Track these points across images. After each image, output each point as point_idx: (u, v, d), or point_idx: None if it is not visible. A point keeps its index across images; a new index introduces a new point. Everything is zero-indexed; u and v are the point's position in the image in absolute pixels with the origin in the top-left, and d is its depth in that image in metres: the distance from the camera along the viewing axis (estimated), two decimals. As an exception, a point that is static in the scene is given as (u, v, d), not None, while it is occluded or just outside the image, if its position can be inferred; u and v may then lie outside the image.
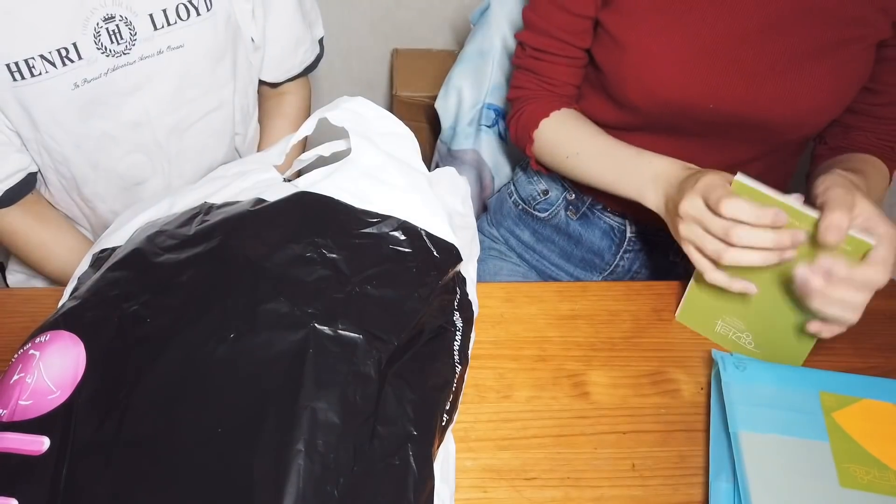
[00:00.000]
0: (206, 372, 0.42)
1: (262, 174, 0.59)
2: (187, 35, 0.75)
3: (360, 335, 0.45)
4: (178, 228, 0.52)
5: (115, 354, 0.44)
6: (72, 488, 0.39)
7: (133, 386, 0.42)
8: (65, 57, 0.68)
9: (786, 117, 0.72)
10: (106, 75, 0.72)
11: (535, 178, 0.93)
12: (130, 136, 0.78)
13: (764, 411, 0.56)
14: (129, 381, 0.42)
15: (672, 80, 0.72)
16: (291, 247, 0.48)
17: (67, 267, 0.83)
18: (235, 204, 0.54)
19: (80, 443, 0.40)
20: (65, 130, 0.73)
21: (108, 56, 0.71)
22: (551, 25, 0.77)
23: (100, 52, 0.70)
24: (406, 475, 0.42)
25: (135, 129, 0.78)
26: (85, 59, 0.70)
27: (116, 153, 0.78)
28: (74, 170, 0.78)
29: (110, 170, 0.79)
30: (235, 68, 0.82)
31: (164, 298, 0.46)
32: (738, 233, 0.55)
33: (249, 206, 0.52)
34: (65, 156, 0.76)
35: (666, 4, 0.71)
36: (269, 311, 0.44)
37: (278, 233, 0.49)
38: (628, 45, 0.73)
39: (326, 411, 0.41)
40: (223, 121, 0.85)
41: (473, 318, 0.57)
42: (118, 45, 0.71)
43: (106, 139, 0.77)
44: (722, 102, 0.72)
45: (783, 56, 0.69)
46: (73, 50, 0.69)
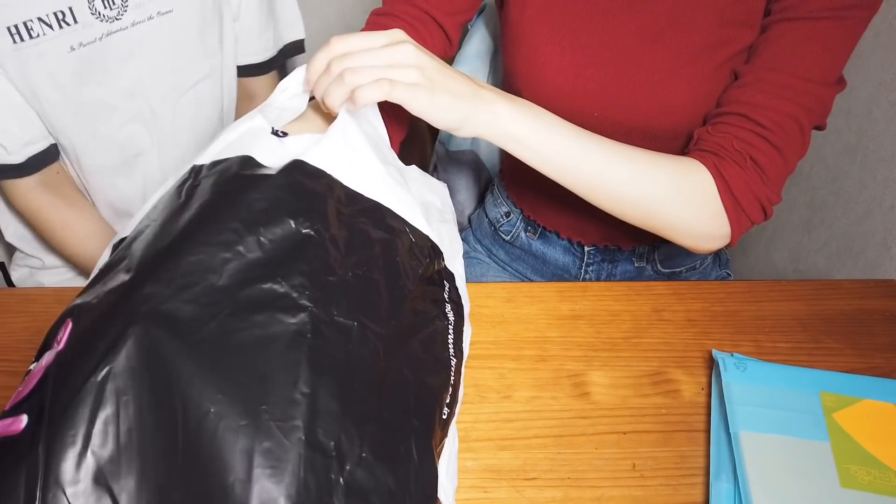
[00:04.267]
0: (196, 347, 0.40)
1: (247, 122, 0.57)
2: (175, 0, 0.80)
3: (353, 322, 0.44)
4: (170, 199, 0.50)
5: (92, 327, 0.42)
6: (50, 462, 0.37)
7: (110, 355, 0.39)
8: (61, 20, 0.73)
9: (665, 126, 0.72)
10: (101, 40, 0.76)
11: (500, 200, 0.96)
12: (126, 104, 0.83)
13: (764, 411, 0.57)
14: (110, 353, 0.40)
15: (559, 88, 0.72)
16: (288, 222, 0.46)
17: (84, 251, 0.87)
18: (224, 163, 0.51)
19: (56, 414, 0.38)
20: (63, 96, 0.77)
21: (101, 21, 0.75)
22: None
23: (94, 17, 0.75)
24: (408, 465, 0.42)
25: (130, 98, 0.82)
26: (80, 22, 0.74)
27: (114, 122, 0.83)
28: (74, 139, 0.82)
29: (109, 139, 0.84)
30: (222, 38, 0.89)
31: (152, 273, 0.43)
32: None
33: (238, 167, 0.50)
34: (64, 124, 0.80)
35: (551, 15, 0.72)
36: (266, 290, 0.43)
37: (272, 206, 0.47)
38: (518, 53, 0.74)
39: (326, 399, 0.40)
40: (213, 90, 0.90)
41: (465, 313, 0.57)
42: (111, 11, 0.76)
43: (103, 107, 0.81)
44: (607, 111, 0.72)
45: (661, 64, 0.69)
46: (69, 13, 0.73)
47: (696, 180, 0.64)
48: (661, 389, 0.62)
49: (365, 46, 0.55)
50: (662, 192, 0.63)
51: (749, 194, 0.64)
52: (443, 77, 0.56)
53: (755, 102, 0.64)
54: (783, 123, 0.63)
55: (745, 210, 0.64)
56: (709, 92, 0.69)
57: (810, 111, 0.64)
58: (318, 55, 0.56)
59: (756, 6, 0.66)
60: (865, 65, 0.93)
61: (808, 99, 0.64)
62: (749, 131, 0.64)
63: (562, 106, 0.64)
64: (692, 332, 0.68)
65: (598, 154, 0.61)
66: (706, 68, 0.68)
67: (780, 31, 0.64)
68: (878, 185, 0.91)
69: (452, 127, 0.57)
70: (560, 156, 0.61)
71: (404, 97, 0.53)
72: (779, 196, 0.65)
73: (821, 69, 0.63)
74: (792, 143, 0.64)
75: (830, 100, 0.65)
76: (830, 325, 0.68)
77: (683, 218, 0.64)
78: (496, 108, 0.58)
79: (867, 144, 0.94)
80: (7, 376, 0.60)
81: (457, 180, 1.08)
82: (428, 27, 0.74)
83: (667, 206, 0.64)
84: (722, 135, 0.65)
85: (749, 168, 0.64)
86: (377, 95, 0.53)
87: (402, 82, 0.53)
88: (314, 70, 0.57)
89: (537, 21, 0.72)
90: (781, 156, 0.64)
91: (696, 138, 0.68)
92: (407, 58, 0.54)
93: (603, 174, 0.62)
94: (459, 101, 0.56)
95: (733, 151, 0.64)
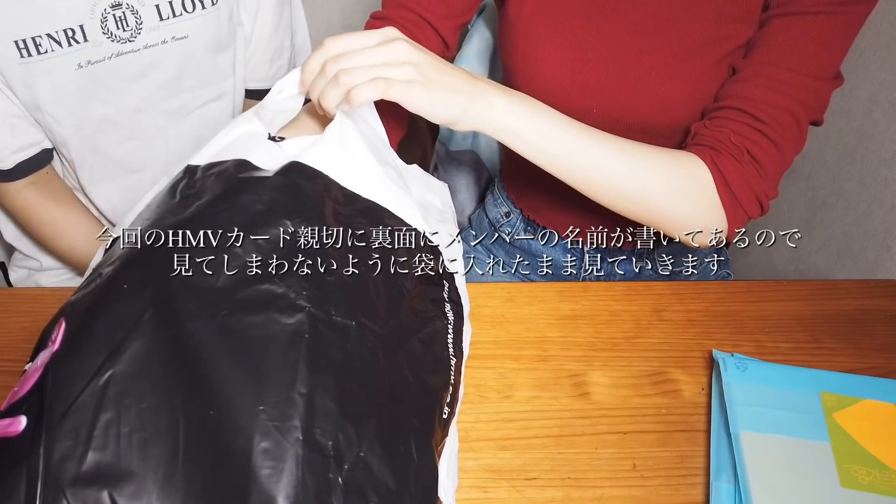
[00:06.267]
0: (195, 349, 0.41)
1: (243, 125, 0.57)
2: (192, 27, 0.78)
3: (352, 321, 0.44)
4: (164, 199, 0.50)
5: (92, 328, 0.42)
6: (50, 463, 0.37)
7: (112, 360, 0.40)
8: (71, 38, 0.72)
9: (663, 122, 0.72)
10: (110, 59, 0.75)
11: (500, 200, 0.96)
12: (130, 122, 0.81)
13: (765, 411, 0.56)
14: (107, 353, 0.40)
15: (558, 84, 0.72)
16: (285, 223, 0.46)
17: (76, 246, 0.86)
18: (220, 165, 0.51)
19: (57, 416, 0.38)
20: (66, 111, 0.76)
21: (112, 41, 0.74)
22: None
23: (105, 37, 0.73)
24: (408, 465, 0.42)
25: (135, 116, 0.81)
26: (90, 41, 0.73)
27: (115, 138, 0.82)
28: (73, 152, 0.81)
29: (108, 155, 0.82)
30: (235, 62, 0.85)
31: (148, 273, 0.44)
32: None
33: (234, 170, 0.50)
34: (65, 137, 0.79)
35: (549, 11, 0.72)
36: (264, 290, 0.43)
37: (269, 208, 0.47)
38: (517, 50, 0.74)
39: (324, 398, 0.40)
40: (223, 111, 0.88)
41: (464, 312, 0.57)
42: (124, 32, 0.74)
43: (106, 123, 0.80)
44: (605, 107, 0.72)
45: (659, 60, 0.69)
46: (80, 32, 0.72)
47: (693, 174, 0.64)
48: (662, 389, 0.62)
49: (359, 46, 0.55)
50: (659, 186, 0.63)
51: (746, 188, 0.64)
52: (438, 72, 0.55)
53: (752, 97, 0.64)
54: (780, 118, 0.63)
55: (742, 204, 0.64)
56: (707, 88, 0.69)
57: (807, 106, 0.64)
58: (312, 57, 0.56)
59: (754, 2, 0.66)
60: (865, 65, 0.93)
61: (805, 94, 0.64)
62: (746, 126, 0.64)
63: (560, 102, 0.64)
64: (692, 332, 0.68)
65: (595, 147, 0.61)
66: (704, 64, 0.68)
67: (777, 27, 0.64)
68: (878, 185, 0.91)
69: (450, 121, 0.57)
70: (556, 148, 0.61)
71: (400, 95, 0.53)
72: (775, 191, 0.65)
73: (818, 64, 0.63)
74: (789, 137, 0.64)
75: (827, 95, 0.65)
76: (831, 325, 0.68)
77: (680, 212, 0.64)
78: (493, 100, 0.58)
79: (867, 144, 0.94)
80: (6, 376, 0.60)
81: (457, 180, 1.08)
82: (424, 31, 0.74)
83: (663, 199, 0.64)
84: (719, 129, 0.65)
85: (746, 162, 0.64)
86: (373, 95, 0.52)
87: (397, 80, 0.53)
88: (309, 72, 0.56)
89: (535, 17, 0.72)
90: (778, 150, 0.64)
91: (694, 132, 0.68)
92: (401, 55, 0.54)
93: (599, 167, 0.62)
94: (456, 95, 0.56)
95: (730, 146, 0.64)
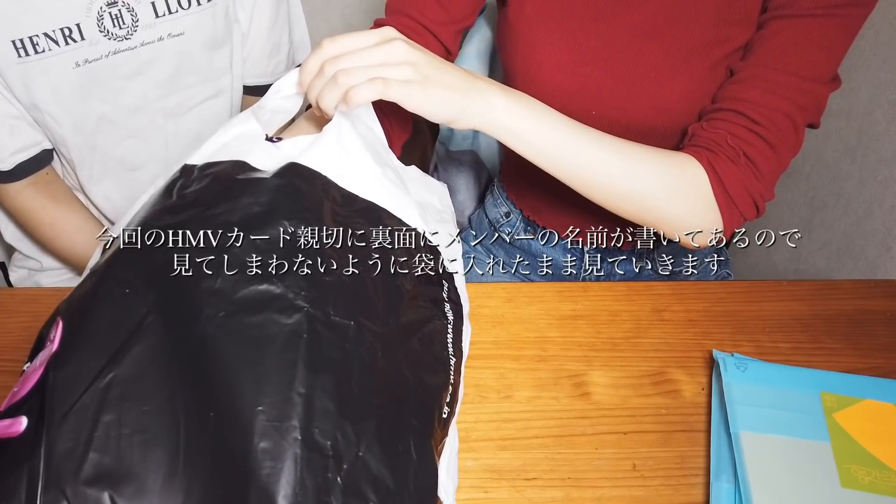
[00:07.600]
0: (195, 350, 0.41)
1: (239, 125, 0.57)
2: (188, 24, 0.78)
3: (350, 321, 0.44)
4: (160, 199, 0.50)
5: (92, 329, 0.42)
6: (51, 464, 0.37)
7: (114, 363, 0.40)
8: (68, 36, 0.71)
9: (662, 124, 0.72)
10: (107, 58, 0.75)
11: (500, 200, 0.96)
12: (129, 120, 0.81)
13: (765, 412, 0.56)
14: (109, 356, 0.40)
15: (557, 86, 0.72)
16: (284, 224, 0.46)
17: (76, 247, 0.86)
18: (217, 166, 0.51)
19: (58, 417, 0.38)
20: (64, 110, 0.76)
21: (109, 39, 0.74)
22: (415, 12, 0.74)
23: (102, 35, 0.73)
24: (407, 464, 0.42)
25: (133, 114, 0.81)
26: (87, 40, 0.73)
27: (114, 137, 0.81)
28: (73, 151, 0.81)
29: (107, 153, 0.82)
30: (232, 59, 0.85)
31: (147, 273, 0.44)
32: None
33: (232, 171, 0.50)
34: (63, 136, 0.79)
35: (547, 14, 0.72)
36: (263, 291, 0.43)
37: (267, 209, 0.47)
38: (517, 52, 0.74)
39: (322, 398, 0.40)
40: (221, 108, 0.88)
41: (464, 312, 0.57)
42: (120, 30, 0.74)
43: (104, 122, 0.80)
44: (605, 109, 0.72)
45: (658, 62, 0.69)
46: (77, 30, 0.72)
47: (689, 175, 0.64)
48: (662, 389, 0.62)
49: (356, 46, 0.54)
50: (656, 186, 0.63)
51: (742, 190, 0.64)
52: (436, 71, 0.55)
53: (749, 99, 0.64)
54: (777, 120, 0.64)
55: (738, 205, 0.65)
56: (705, 90, 0.69)
57: (804, 108, 0.64)
58: (310, 58, 0.56)
59: (752, 4, 0.66)
60: (865, 65, 0.93)
61: (802, 96, 0.64)
62: (743, 127, 0.64)
63: (559, 104, 0.65)
64: (692, 332, 0.68)
65: (593, 147, 0.61)
66: (702, 66, 0.68)
67: (775, 29, 0.65)
68: (878, 185, 0.92)
69: (449, 120, 0.57)
70: (554, 147, 0.61)
71: (399, 95, 0.53)
72: (772, 193, 0.65)
73: (815, 67, 0.63)
74: (785, 139, 0.64)
75: (825, 98, 0.65)
76: (831, 325, 0.68)
77: (676, 212, 0.64)
78: (492, 99, 0.58)
79: (867, 144, 0.94)
80: (6, 376, 0.60)
81: (457, 180, 1.08)
82: (423, 38, 0.74)
83: (660, 200, 0.64)
84: (716, 130, 0.65)
85: (742, 164, 0.64)
86: (371, 95, 0.52)
87: (395, 80, 0.53)
88: (307, 73, 0.56)
89: (535, 19, 0.72)
90: (775, 152, 0.64)
91: (691, 134, 0.68)
92: (399, 55, 0.54)
93: (597, 167, 0.62)
94: (455, 93, 0.56)
95: (727, 147, 0.64)
